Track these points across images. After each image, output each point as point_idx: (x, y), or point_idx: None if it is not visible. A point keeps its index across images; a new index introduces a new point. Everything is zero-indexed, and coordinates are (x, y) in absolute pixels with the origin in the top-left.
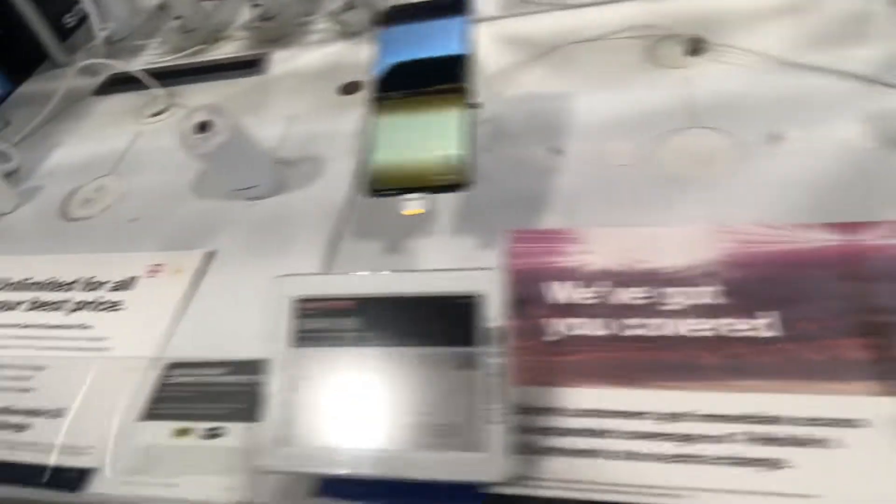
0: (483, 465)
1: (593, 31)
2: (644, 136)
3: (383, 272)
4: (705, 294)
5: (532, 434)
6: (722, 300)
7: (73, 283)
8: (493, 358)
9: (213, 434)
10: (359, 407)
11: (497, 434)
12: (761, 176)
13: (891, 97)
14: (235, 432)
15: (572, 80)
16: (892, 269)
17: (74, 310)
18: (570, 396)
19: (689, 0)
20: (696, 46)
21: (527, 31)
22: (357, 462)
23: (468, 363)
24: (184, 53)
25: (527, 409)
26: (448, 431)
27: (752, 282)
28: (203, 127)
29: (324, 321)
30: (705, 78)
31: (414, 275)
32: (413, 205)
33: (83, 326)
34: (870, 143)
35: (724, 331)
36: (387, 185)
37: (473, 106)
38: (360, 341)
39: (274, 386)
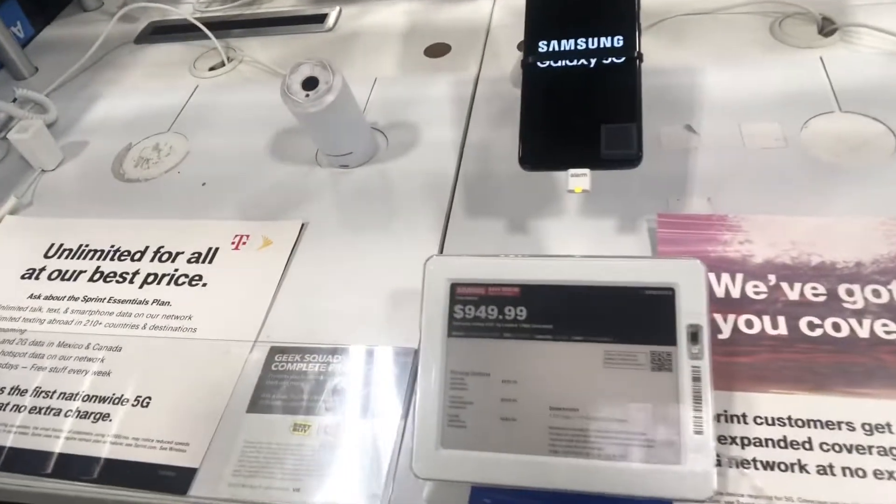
0: (687, 480)
1: (708, 4)
2: (785, 118)
3: (554, 256)
4: (890, 292)
5: (720, 444)
6: None
7: (140, 252)
8: (695, 360)
9: (335, 431)
10: (527, 408)
11: (702, 446)
12: None
13: None
14: (359, 429)
15: (687, 54)
16: None
17: (146, 283)
18: (753, 402)
19: None
20: (826, 26)
21: None
22: (530, 472)
23: (666, 364)
24: (236, 4)
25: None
26: (643, 441)
27: None
28: (308, 84)
29: (483, 309)
30: (843, 59)
31: (593, 261)
32: (579, 182)
33: (159, 302)
34: None
35: None
36: (547, 159)
37: (638, 58)
38: (526, 333)
39: (426, 381)
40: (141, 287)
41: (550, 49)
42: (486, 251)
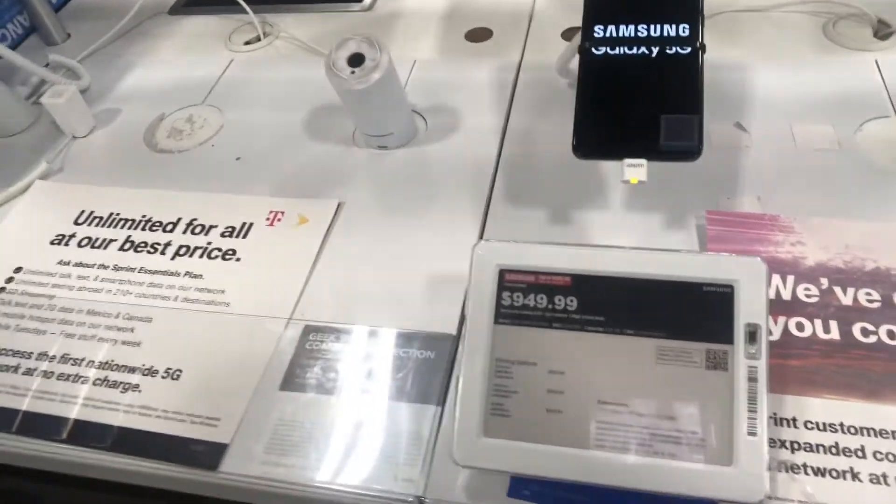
0: (738, 482)
1: (761, 2)
2: (839, 120)
3: (608, 247)
4: None
5: (769, 447)
6: None
7: (172, 223)
8: (752, 360)
9: (370, 414)
10: (575, 401)
11: (755, 448)
12: None
13: None
14: (395, 413)
15: (738, 51)
16: None
17: (177, 255)
18: (804, 406)
19: None
20: (881, 29)
21: None
22: (575, 466)
23: (722, 363)
24: None
25: None
26: (694, 440)
27: None
28: (354, 60)
29: (531, 297)
30: None
31: (649, 254)
32: (635, 172)
33: (192, 275)
34: None
35: None
36: (602, 148)
37: (701, 49)
38: (577, 324)
39: (470, 368)
40: (173, 259)
41: (608, 35)
42: (528, 240)
